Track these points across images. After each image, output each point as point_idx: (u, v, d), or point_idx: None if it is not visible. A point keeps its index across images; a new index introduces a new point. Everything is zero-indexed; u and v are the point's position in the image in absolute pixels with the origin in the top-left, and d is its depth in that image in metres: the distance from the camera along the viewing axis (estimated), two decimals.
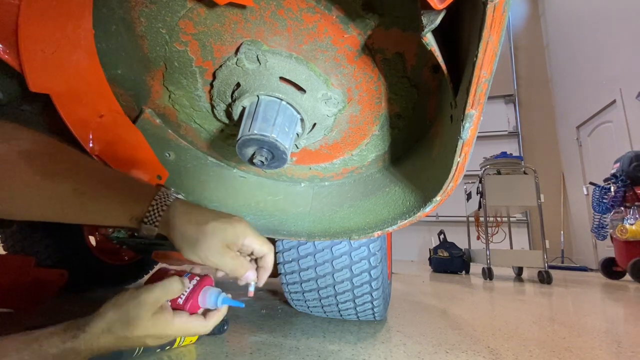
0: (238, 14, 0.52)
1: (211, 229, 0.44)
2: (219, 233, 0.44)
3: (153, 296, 0.43)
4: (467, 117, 0.41)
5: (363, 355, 0.75)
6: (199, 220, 0.45)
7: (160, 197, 0.45)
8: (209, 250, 0.44)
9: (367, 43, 0.53)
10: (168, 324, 0.43)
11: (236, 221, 0.47)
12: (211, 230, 0.44)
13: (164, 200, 0.45)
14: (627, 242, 2.87)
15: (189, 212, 0.46)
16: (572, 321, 1.21)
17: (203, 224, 0.44)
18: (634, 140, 3.96)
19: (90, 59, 0.55)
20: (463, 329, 1.03)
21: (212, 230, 0.44)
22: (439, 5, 0.33)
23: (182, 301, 0.47)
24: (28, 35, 0.45)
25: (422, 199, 0.58)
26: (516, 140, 5.98)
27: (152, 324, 0.42)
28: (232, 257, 0.46)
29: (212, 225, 0.45)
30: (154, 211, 0.44)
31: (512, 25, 6.40)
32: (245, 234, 0.47)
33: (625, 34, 4.17)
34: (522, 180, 2.96)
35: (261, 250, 0.48)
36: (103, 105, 0.60)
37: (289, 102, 0.58)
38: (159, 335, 0.43)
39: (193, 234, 0.44)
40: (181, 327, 0.44)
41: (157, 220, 0.44)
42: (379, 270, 0.86)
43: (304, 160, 0.77)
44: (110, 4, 0.53)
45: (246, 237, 0.46)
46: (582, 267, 4.62)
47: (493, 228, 3.62)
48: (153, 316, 0.42)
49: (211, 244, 0.44)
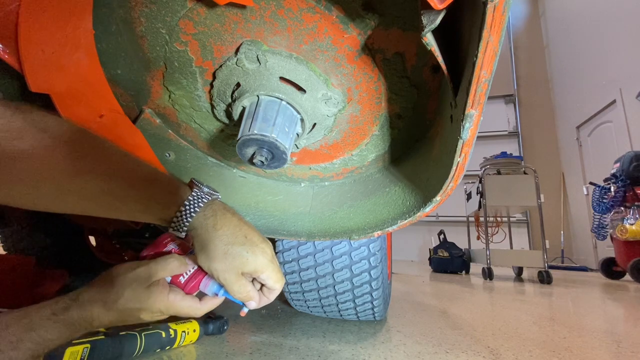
0: (238, 14, 0.52)
1: (233, 254, 0.43)
2: (239, 260, 0.44)
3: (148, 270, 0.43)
4: (467, 117, 0.41)
5: (363, 355, 0.75)
6: (227, 240, 0.44)
7: (190, 202, 0.44)
8: (224, 273, 0.44)
9: (367, 43, 0.53)
10: (162, 297, 0.43)
11: (260, 252, 0.45)
12: (233, 255, 0.43)
13: (195, 205, 0.44)
14: (627, 242, 2.87)
15: (217, 227, 0.44)
16: (572, 321, 1.21)
17: (228, 245, 0.43)
18: (634, 140, 3.96)
19: (90, 59, 0.55)
20: (463, 329, 1.03)
21: (234, 256, 0.43)
22: (439, 5, 0.33)
23: (183, 280, 0.47)
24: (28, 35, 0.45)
25: (422, 199, 0.58)
26: (516, 140, 5.98)
27: (146, 296, 0.42)
28: (242, 284, 0.45)
29: (236, 251, 0.44)
30: (182, 217, 0.43)
31: (512, 25, 6.40)
32: (264, 268, 0.45)
33: (625, 34, 4.17)
34: (522, 180, 2.96)
35: (273, 287, 0.48)
36: (103, 105, 0.60)
37: (289, 102, 0.58)
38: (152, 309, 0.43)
39: (214, 252, 0.43)
40: (175, 304, 0.44)
41: (185, 227, 0.43)
42: (379, 270, 0.86)
43: (304, 160, 0.77)
44: (110, 4, 0.53)
45: (264, 272, 0.46)
46: (582, 267, 4.62)
47: (493, 228, 3.62)
48: (147, 289, 0.42)
49: (227, 268, 0.43)
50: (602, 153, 4.60)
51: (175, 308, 0.44)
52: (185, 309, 0.45)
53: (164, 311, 0.44)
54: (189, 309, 0.46)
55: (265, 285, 0.48)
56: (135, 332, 0.67)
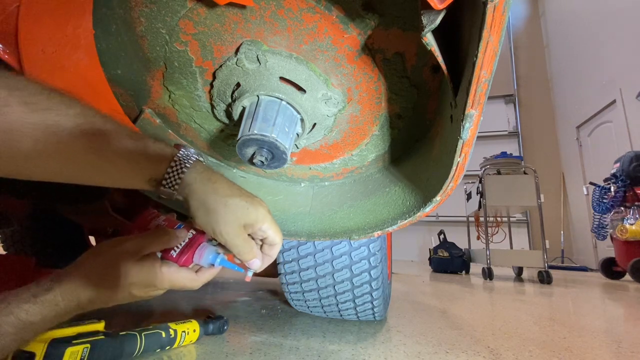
0: (238, 14, 0.52)
1: (234, 205, 0.42)
2: (240, 211, 0.42)
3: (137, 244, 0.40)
4: (467, 117, 0.41)
5: (363, 355, 0.75)
6: (224, 192, 0.42)
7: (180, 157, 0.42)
8: (225, 226, 0.42)
9: (367, 43, 0.53)
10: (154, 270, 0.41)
11: (258, 203, 0.44)
12: (234, 206, 0.42)
13: (185, 161, 0.42)
14: (627, 242, 2.88)
15: (213, 180, 0.42)
16: (572, 321, 1.21)
17: (227, 197, 0.42)
18: (634, 140, 3.96)
19: (90, 59, 0.55)
20: (463, 329, 1.03)
21: (234, 207, 0.42)
22: (439, 5, 0.33)
23: (175, 254, 0.45)
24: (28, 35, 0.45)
25: (422, 199, 0.58)
26: (516, 140, 5.98)
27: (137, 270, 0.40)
28: (245, 239, 0.43)
29: (236, 202, 0.42)
30: (174, 173, 0.41)
31: (512, 25, 6.40)
32: (265, 219, 0.44)
33: (625, 34, 4.17)
34: (522, 180, 2.96)
35: (274, 240, 0.46)
36: (103, 105, 0.60)
37: (289, 102, 0.58)
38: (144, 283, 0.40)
39: (213, 204, 0.41)
40: (169, 277, 0.42)
41: (177, 182, 0.41)
42: (379, 270, 0.86)
43: (304, 160, 0.77)
44: (110, 4, 0.53)
45: (265, 223, 0.44)
46: (582, 267, 4.62)
47: (493, 228, 3.62)
48: (137, 262, 0.40)
49: (229, 220, 0.41)
50: (602, 153, 4.60)
51: (169, 280, 0.42)
52: (180, 281, 0.43)
53: (158, 284, 0.42)
54: (184, 280, 0.43)
55: (265, 242, 0.46)
56: (135, 332, 0.67)
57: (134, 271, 0.40)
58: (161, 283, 0.42)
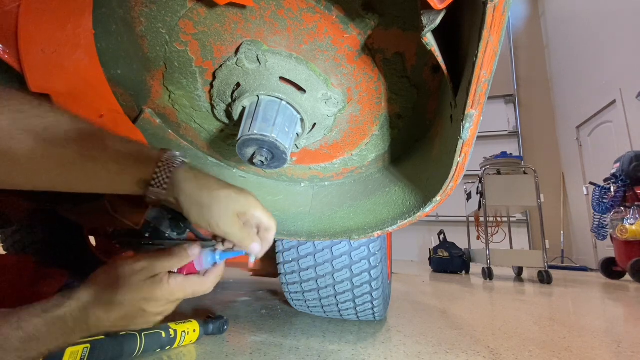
0: (238, 14, 0.52)
1: (224, 196, 0.44)
2: (231, 201, 0.44)
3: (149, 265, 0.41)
4: (467, 117, 0.41)
5: (363, 355, 0.75)
6: (212, 187, 0.44)
7: (167, 159, 0.44)
8: (220, 218, 0.43)
9: (367, 43, 0.53)
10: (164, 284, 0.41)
11: (247, 193, 0.46)
12: (224, 197, 0.43)
13: (171, 162, 0.44)
14: (627, 242, 2.87)
15: (199, 178, 0.44)
16: (572, 321, 1.21)
17: (216, 190, 0.43)
18: (634, 140, 3.96)
19: (90, 59, 0.55)
20: (463, 329, 1.03)
21: (225, 198, 0.44)
22: (439, 5, 0.33)
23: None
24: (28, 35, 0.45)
25: (422, 199, 0.58)
26: (516, 140, 5.98)
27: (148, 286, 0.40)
28: (240, 227, 0.45)
29: (225, 193, 0.44)
30: (162, 173, 0.42)
31: (512, 25, 6.40)
32: (256, 206, 0.46)
33: (625, 34, 4.17)
34: (522, 180, 2.96)
35: (269, 224, 0.48)
36: (103, 105, 0.60)
37: (289, 102, 0.58)
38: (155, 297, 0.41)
39: (204, 199, 0.43)
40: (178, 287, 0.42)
41: (165, 182, 0.42)
42: (379, 270, 0.86)
43: (304, 160, 0.77)
44: (111, 4, 0.53)
45: (256, 209, 0.46)
46: (582, 267, 4.61)
47: (493, 228, 3.62)
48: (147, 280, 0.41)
49: (222, 211, 0.43)
50: (602, 153, 4.60)
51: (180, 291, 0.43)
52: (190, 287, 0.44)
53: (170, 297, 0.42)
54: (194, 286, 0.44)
55: (260, 228, 0.48)
56: (135, 332, 0.67)
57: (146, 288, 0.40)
58: (171, 294, 0.42)
